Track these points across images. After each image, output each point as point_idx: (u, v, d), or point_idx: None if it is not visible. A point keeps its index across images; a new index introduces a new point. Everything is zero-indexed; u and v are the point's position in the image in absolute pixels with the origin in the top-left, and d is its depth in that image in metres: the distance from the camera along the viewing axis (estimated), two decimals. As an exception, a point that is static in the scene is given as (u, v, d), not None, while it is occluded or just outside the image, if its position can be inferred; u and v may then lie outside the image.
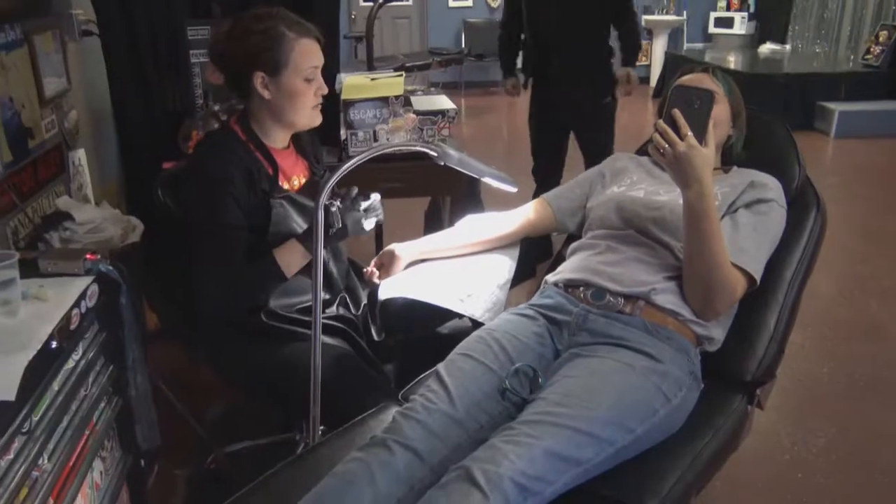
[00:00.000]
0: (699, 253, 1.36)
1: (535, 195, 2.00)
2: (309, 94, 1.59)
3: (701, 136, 1.32)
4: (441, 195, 2.64)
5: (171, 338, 1.81)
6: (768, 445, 2.22)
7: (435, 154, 1.48)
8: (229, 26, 1.57)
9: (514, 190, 1.67)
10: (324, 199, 1.37)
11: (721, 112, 1.54)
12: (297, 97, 1.58)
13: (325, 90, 1.62)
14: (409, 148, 1.54)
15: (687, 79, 1.58)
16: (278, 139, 1.66)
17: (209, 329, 1.68)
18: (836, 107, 6.26)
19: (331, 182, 1.38)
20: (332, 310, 1.74)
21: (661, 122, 1.33)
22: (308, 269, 1.58)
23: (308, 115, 1.62)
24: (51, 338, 1.34)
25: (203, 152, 1.66)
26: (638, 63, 3.29)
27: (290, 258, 1.58)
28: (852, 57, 7.36)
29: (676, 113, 1.32)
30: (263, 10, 1.57)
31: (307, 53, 1.57)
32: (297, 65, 1.55)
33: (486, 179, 1.61)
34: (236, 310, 1.60)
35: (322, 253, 1.42)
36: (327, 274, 1.74)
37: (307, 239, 1.57)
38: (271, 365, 1.64)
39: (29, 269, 1.51)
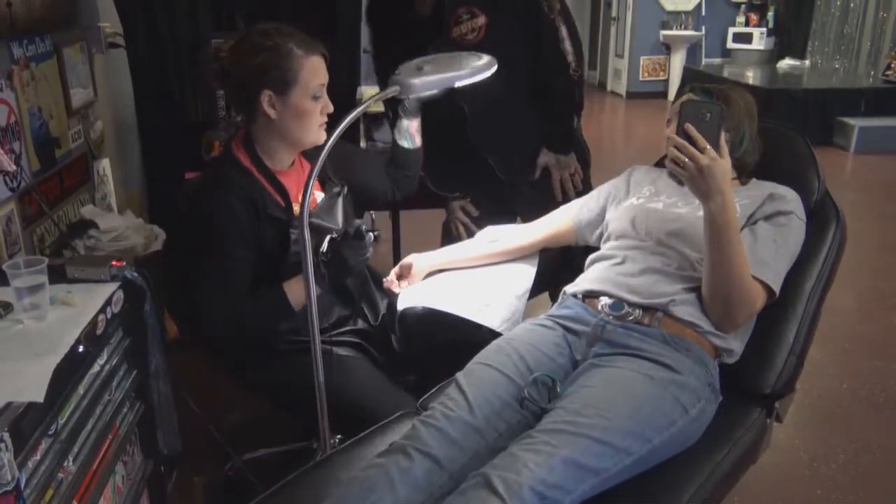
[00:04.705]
0: (719, 265, 1.36)
1: None
2: (315, 113, 1.55)
3: (715, 148, 1.32)
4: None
5: (192, 346, 1.83)
6: (788, 461, 2.20)
7: (397, 90, 1.36)
8: (235, 43, 1.53)
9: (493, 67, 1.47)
10: (306, 215, 1.33)
11: None
12: (304, 116, 1.54)
13: (331, 109, 1.58)
14: (380, 100, 1.41)
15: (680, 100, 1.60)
16: (285, 160, 1.63)
17: (227, 343, 1.69)
18: (856, 122, 6.23)
19: (315, 171, 1.32)
20: (351, 324, 1.74)
21: (675, 136, 1.34)
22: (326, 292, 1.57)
23: (314, 134, 1.58)
24: (78, 342, 1.37)
25: (203, 184, 1.62)
26: (655, 78, 2.89)
27: (301, 291, 1.51)
28: (872, 73, 7.33)
29: (690, 127, 1.32)
30: (270, 25, 1.53)
31: (315, 71, 1.53)
32: (306, 83, 1.52)
33: (459, 83, 1.42)
34: (242, 338, 1.58)
35: (311, 264, 1.37)
36: (344, 290, 1.74)
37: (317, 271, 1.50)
38: (289, 376, 1.64)
39: (56, 275, 1.54)
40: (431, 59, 1.44)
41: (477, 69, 1.44)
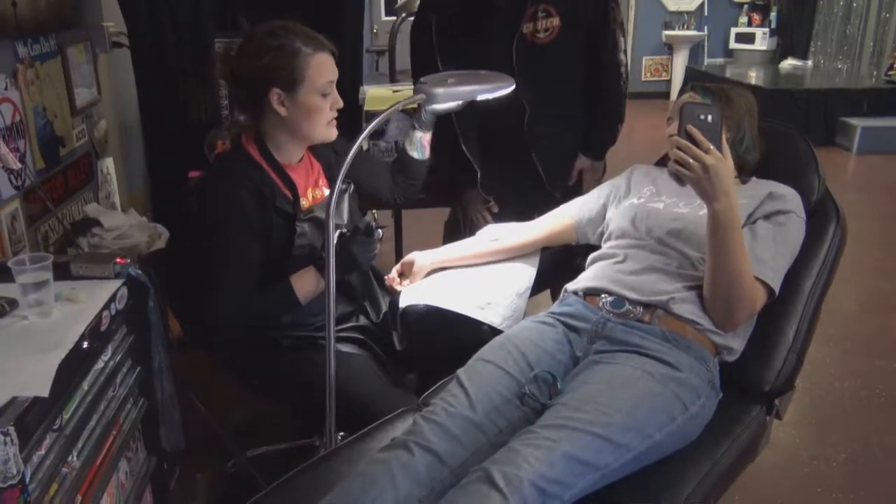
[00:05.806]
0: (722, 265, 1.36)
1: None
2: (325, 110, 1.57)
3: (718, 149, 1.33)
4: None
5: (195, 343, 1.84)
6: (788, 460, 2.21)
7: (423, 98, 1.42)
8: (243, 43, 1.55)
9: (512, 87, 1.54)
10: (333, 208, 1.36)
11: None
12: (313, 113, 1.56)
13: (340, 104, 1.60)
14: (403, 107, 1.45)
15: (681, 101, 1.60)
16: (294, 155, 1.64)
17: (230, 341, 1.69)
18: (859, 122, 6.23)
19: (340, 178, 1.35)
20: (353, 320, 1.75)
21: (679, 138, 1.34)
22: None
23: (324, 130, 1.60)
24: (82, 338, 1.38)
25: (212, 177, 1.63)
26: (658, 78, 2.94)
27: (307, 285, 1.57)
28: (875, 73, 7.32)
29: (693, 129, 1.33)
30: (276, 24, 1.54)
31: (323, 68, 1.54)
32: (314, 80, 1.53)
33: (481, 97, 1.49)
34: (247, 333, 1.60)
35: (333, 265, 1.39)
36: (347, 286, 1.75)
37: (323, 266, 1.52)
38: (292, 374, 1.65)
39: (61, 272, 1.55)
40: (451, 74, 1.50)
41: (497, 86, 1.50)
